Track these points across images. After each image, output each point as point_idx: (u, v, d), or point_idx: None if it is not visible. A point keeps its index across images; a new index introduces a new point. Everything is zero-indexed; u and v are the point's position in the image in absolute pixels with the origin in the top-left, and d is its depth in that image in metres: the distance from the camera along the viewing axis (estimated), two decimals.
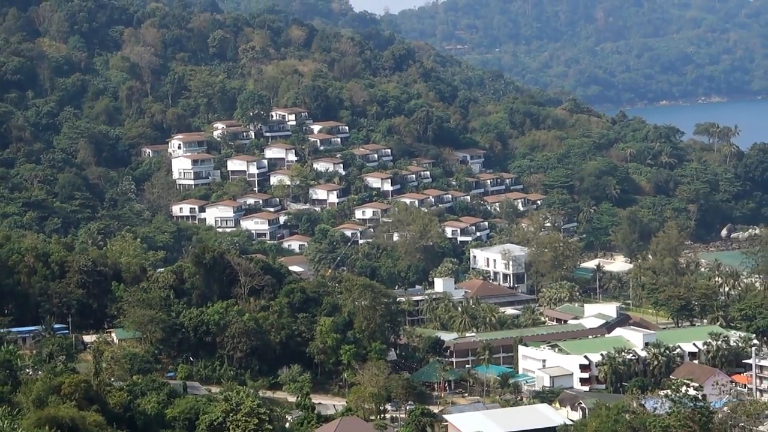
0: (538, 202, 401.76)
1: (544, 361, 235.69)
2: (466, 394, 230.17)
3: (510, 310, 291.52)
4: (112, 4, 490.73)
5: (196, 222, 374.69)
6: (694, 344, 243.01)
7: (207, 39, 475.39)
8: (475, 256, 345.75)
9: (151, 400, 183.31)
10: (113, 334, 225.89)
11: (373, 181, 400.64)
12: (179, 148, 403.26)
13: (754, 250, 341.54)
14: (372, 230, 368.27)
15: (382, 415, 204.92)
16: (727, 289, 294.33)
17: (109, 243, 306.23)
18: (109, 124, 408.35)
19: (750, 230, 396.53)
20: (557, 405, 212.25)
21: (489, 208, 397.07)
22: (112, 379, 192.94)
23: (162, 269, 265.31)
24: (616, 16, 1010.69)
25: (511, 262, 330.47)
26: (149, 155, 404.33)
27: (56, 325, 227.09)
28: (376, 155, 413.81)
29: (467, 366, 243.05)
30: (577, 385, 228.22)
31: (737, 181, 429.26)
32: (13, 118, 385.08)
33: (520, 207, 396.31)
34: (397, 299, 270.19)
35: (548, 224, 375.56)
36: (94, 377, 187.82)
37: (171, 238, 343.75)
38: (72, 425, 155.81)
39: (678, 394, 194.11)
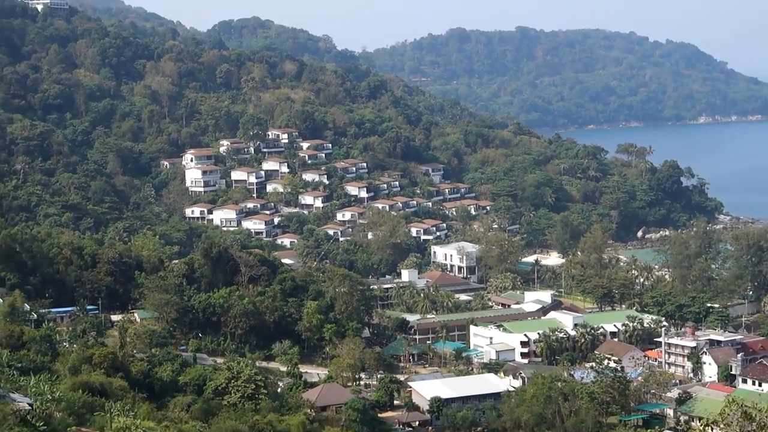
0: (488, 207, 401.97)
1: (491, 338, 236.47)
2: (427, 365, 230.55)
3: (463, 297, 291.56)
4: (137, 41, 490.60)
5: (205, 222, 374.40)
6: (614, 325, 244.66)
7: (215, 71, 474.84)
8: (435, 252, 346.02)
9: (167, 369, 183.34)
10: (136, 314, 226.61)
11: (352, 189, 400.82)
12: (191, 161, 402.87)
13: (664, 248, 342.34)
14: (350, 230, 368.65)
15: (358, 382, 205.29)
16: (641, 280, 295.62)
17: (133, 239, 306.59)
18: (133, 141, 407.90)
19: (661, 232, 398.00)
20: (502, 374, 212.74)
21: (447, 212, 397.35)
22: (135, 352, 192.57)
23: (176, 261, 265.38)
24: (553, 55, 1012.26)
25: (464, 257, 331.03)
26: (166, 167, 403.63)
27: (88, 307, 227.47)
28: (354, 168, 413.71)
29: (428, 342, 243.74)
30: (518, 358, 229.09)
31: (651, 192, 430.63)
32: (54, 135, 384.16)
33: (473, 212, 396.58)
34: (371, 287, 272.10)
35: (495, 226, 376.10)
36: (120, 350, 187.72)
37: (184, 235, 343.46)
38: (101, 389, 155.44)
39: (601, 366, 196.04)
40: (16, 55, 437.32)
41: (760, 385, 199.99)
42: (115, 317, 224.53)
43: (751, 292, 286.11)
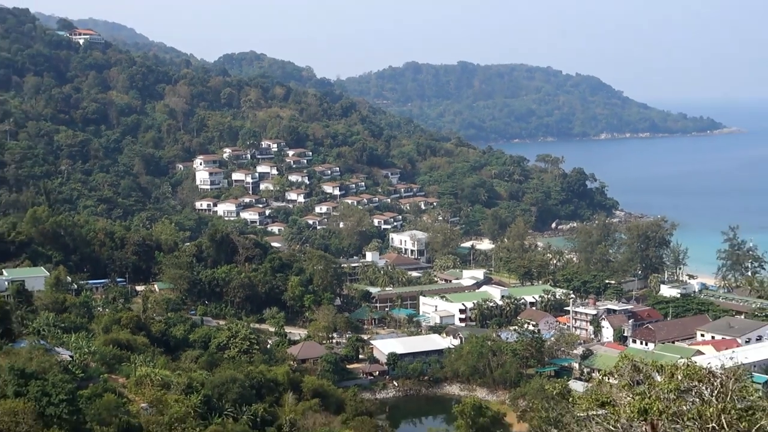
0: (434, 203, 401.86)
1: (436, 306, 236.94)
2: (385, 328, 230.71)
3: (414, 273, 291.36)
4: (158, 69, 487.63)
5: (211, 213, 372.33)
6: (533, 297, 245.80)
7: (220, 93, 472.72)
8: (392, 238, 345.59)
9: (180, 329, 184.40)
10: (155, 286, 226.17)
11: (327, 188, 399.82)
12: (200, 164, 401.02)
13: (572, 236, 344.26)
14: (326, 220, 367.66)
15: (331, 341, 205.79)
16: (554, 261, 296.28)
17: (153, 226, 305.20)
18: (154, 148, 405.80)
19: (570, 224, 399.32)
20: (444, 335, 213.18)
21: (402, 207, 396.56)
22: (154, 315, 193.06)
23: (188, 243, 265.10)
24: (487, 84, 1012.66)
25: (416, 242, 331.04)
26: (181, 169, 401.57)
27: (118, 279, 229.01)
28: (329, 171, 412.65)
29: (386, 309, 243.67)
30: (457, 322, 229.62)
31: (562, 192, 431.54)
32: (91, 143, 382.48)
33: (423, 207, 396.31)
34: (341, 265, 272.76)
35: (440, 218, 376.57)
36: (142, 313, 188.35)
37: (194, 223, 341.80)
38: (127, 344, 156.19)
39: (522, 329, 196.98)
40: (62, 79, 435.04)
41: (646, 344, 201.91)
42: (139, 288, 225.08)
43: (639, 272, 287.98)
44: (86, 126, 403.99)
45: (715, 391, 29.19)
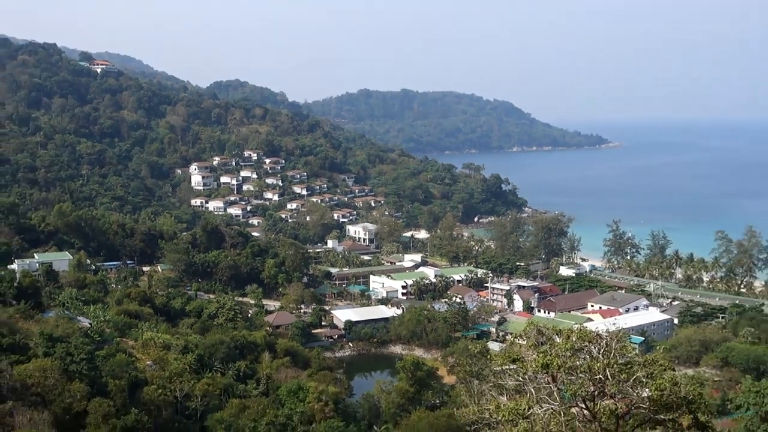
0: (382, 201, 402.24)
1: (383, 283, 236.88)
2: (343, 300, 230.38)
3: (366, 257, 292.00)
4: (161, 93, 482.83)
5: (203, 209, 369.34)
6: (459, 276, 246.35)
7: (211, 113, 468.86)
8: (348, 229, 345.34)
9: (178, 302, 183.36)
10: (158, 267, 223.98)
11: (297, 189, 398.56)
12: (195, 170, 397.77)
13: (490, 228, 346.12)
14: (296, 215, 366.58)
15: (299, 311, 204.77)
16: (477, 248, 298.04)
17: (157, 219, 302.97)
18: (158, 157, 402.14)
19: (489, 218, 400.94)
20: (389, 306, 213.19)
21: (356, 204, 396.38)
22: (158, 290, 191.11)
23: (185, 233, 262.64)
24: (424, 107, 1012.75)
25: (367, 233, 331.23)
26: (179, 173, 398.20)
27: (128, 262, 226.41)
28: (298, 176, 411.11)
29: (344, 285, 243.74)
30: (400, 296, 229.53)
31: (483, 193, 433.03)
32: (107, 152, 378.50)
33: (372, 204, 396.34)
34: (308, 250, 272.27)
35: (386, 213, 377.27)
36: (148, 289, 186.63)
37: (190, 217, 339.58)
38: (136, 314, 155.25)
39: (451, 301, 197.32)
40: (83, 101, 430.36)
41: (548, 313, 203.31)
42: (145, 268, 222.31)
43: (543, 256, 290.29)
44: (102, 138, 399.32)
45: (602, 350, 29.54)
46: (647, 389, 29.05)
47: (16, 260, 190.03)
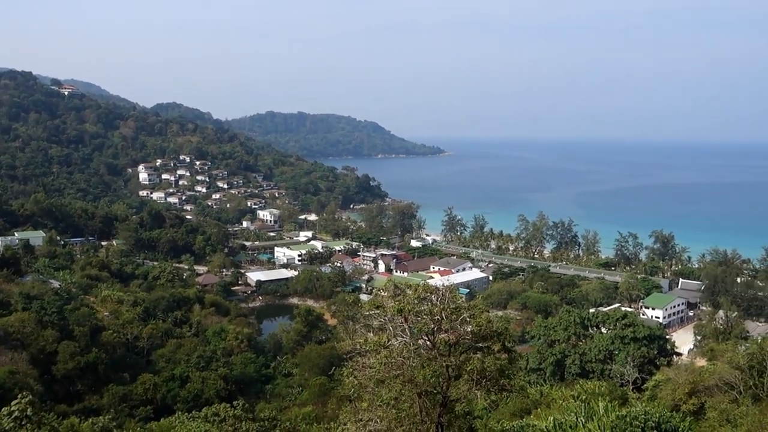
0: (283, 193, 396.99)
1: (284, 253, 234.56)
2: (255, 265, 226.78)
3: (272, 234, 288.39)
4: (115, 111, 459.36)
5: (149, 198, 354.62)
6: (340, 246, 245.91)
7: (154, 126, 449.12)
8: (259, 213, 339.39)
9: (129, 267, 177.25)
10: (114, 242, 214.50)
11: (220, 184, 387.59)
12: (142, 169, 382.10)
13: (362, 213, 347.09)
14: (219, 203, 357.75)
15: (221, 273, 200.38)
16: (352, 227, 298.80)
17: (113, 206, 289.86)
18: (113, 159, 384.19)
19: (361, 206, 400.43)
20: (289, 269, 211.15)
21: (265, 195, 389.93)
22: (113, 260, 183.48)
23: (134, 216, 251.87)
24: (314, 125, 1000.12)
25: (273, 216, 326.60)
26: (130, 172, 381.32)
27: (90, 238, 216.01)
28: (221, 174, 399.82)
29: (255, 255, 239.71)
30: (296, 262, 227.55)
31: (356, 187, 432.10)
32: (73, 156, 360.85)
33: (276, 195, 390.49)
34: (228, 229, 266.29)
35: (287, 202, 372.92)
36: (106, 258, 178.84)
37: (138, 204, 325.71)
38: (96, 278, 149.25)
39: (334, 265, 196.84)
40: (54, 116, 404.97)
41: (403, 273, 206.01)
42: (103, 243, 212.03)
43: (399, 233, 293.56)
44: (69, 145, 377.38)
45: (439, 298, 30.12)
46: (470, 325, 29.90)
47: None
